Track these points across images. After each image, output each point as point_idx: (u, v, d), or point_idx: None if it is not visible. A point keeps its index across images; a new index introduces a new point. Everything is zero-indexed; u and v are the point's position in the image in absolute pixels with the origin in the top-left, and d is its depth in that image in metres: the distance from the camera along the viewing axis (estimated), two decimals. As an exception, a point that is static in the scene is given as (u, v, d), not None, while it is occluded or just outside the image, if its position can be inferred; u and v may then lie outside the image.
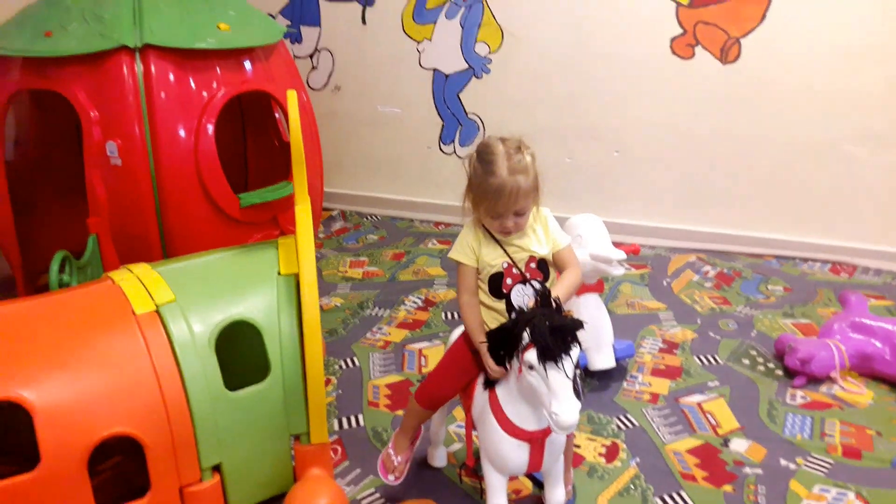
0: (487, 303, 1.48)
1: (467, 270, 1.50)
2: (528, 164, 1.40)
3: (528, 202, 1.41)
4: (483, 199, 1.42)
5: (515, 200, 1.39)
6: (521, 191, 1.38)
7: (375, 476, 1.74)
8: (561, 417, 1.21)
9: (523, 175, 1.39)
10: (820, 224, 3.08)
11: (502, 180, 1.38)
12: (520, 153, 1.41)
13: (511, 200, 1.38)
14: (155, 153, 2.10)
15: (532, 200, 1.42)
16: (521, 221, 1.43)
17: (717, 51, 3.02)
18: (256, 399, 1.54)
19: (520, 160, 1.40)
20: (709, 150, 3.14)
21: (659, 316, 2.60)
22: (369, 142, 3.69)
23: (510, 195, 1.38)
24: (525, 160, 1.40)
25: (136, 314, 1.48)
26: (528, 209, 1.42)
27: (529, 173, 1.40)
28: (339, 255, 3.21)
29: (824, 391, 2.12)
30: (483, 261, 1.47)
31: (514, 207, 1.39)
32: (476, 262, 1.48)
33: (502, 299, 1.46)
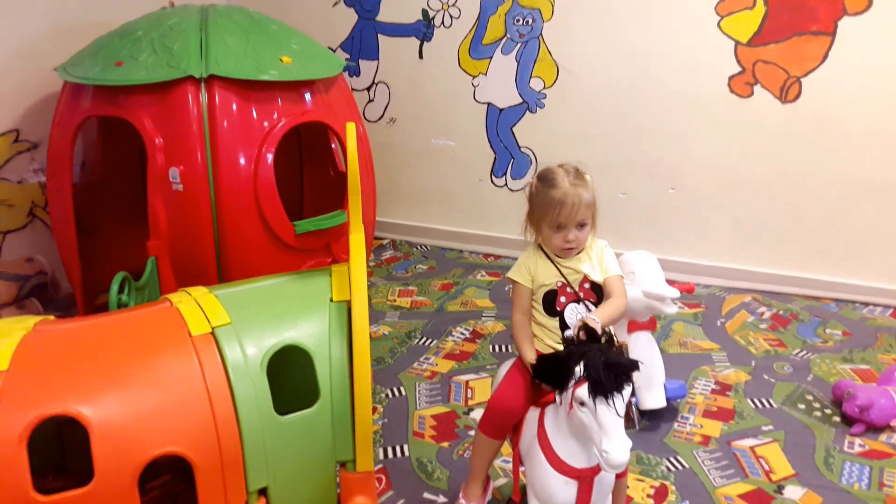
0: (541, 320, 1.55)
1: (522, 290, 1.57)
2: (588, 181, 1.50)
3: (589, 216, 1.50)
4: (546, 212, 1.50)
5: (578, 210, 1.48)
6: (583, 202, 1.48)
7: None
8: (611, 455, 1.19)
9: (584, 189, 1.49)
10: (882, 268, 2.98)
11: (565, 191, 1.48)
12: (579, 172, 1.52)
13: (574, 210, 1.47)
14: (216, 179, 2.18)
15: (592, 216, 1.51)
16: (582, 236, 1.51)
17: (776, 90, 2.98)
18: (305, 424, 1.55)
19: (580, 176, 1.50)
20: (766, 190, 3.08)
21: (712, 356, 2.54)
22: (422, 173, 3.74)
23: (573, 205, 1.47)
24: (585, 177, 1.51)
25: (192, 336, 1.52)
26: (588, 223, 1.50)
27: (589, 189, 1.49)
28: (388, 283, 3.25)
29: (884, 440, 2.04)
30: (538, 280, 1.54)
31: (576, 218, 1.48)
32: (531, 282, 1.56)
33: (555, 317, 1.52)
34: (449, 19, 3.45)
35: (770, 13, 2.91)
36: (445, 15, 3.45)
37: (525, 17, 3.31)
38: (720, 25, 2.99)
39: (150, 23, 2.35)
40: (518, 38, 3.35)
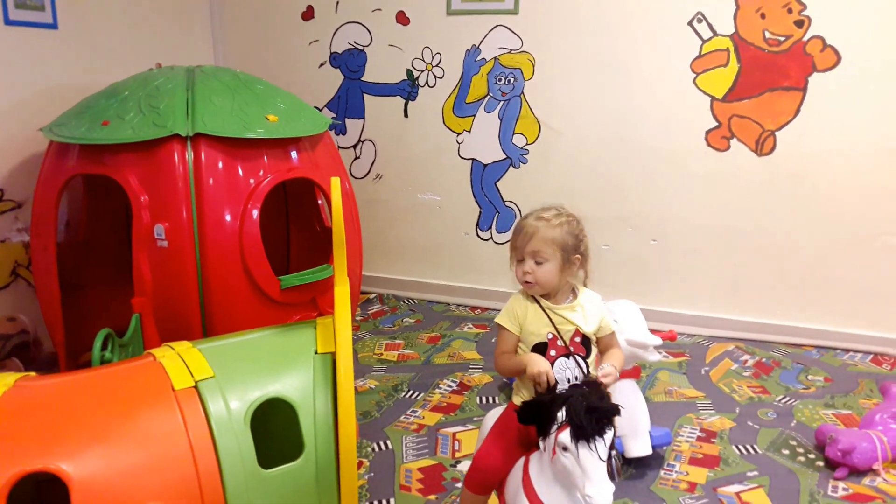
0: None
1: (508, 336, 1.54)
2: (558, 220, 1.49)
3: (548, 251, 1.47)
4: (511, 245, 1.52)
5: (531, 240, 1.47)
6: (539, 234, 1.47)
7: (404, 563, 1.72)
8: (594, 500, 1.20)
9: (546, 223, 1.48)
10: (861, 315, 3.02)
11: (524, 222, 1.50)
12: (552, 210, 1.51)
13: (527, 239, 1.47)
14: (201, 236, 2.19)
15: (556, 257, 1.47)
16: (541, 273, 1.47)
17: (752, 143, 3.08)
18: (289, 478, 1.54)
19: (549, 213, 1.50)
20: (746, 240, 3.15)
21: (697, 404, 2.55)
22: (408, 227, 3.79)
23: (527, 234, 1.47)
24: (553, 214, 1.50)
25: (176, 390, 1.52)
26: (547, 259, 1.47)
27: (554, 225, 1.47)
28: (375, 337, 3.25)
29: (867, 483, 2.04)
30: (527, 329, 1.50)
31: (530, 247, 1.47)
32: (519, 330, 1.52)
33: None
34: (433, 79, 3.55)
35: (743, 70, 3.03)
36: (429, 75, 3.56)
37: (507, 77, 3.42)
38: (696, 82, 3.11)
39: (136, 83, 2.41)
40: (500, 96, 3.45)
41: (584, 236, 1.52)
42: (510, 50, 3.38)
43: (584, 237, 1.52)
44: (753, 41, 2.99)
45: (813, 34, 2.90)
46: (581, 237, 1.51)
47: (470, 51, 3.45)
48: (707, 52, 3.07)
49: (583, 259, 1.51)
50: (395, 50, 3.59)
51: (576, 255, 1.49)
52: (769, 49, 2.97)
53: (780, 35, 2.95)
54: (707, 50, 3.06)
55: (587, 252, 1.52)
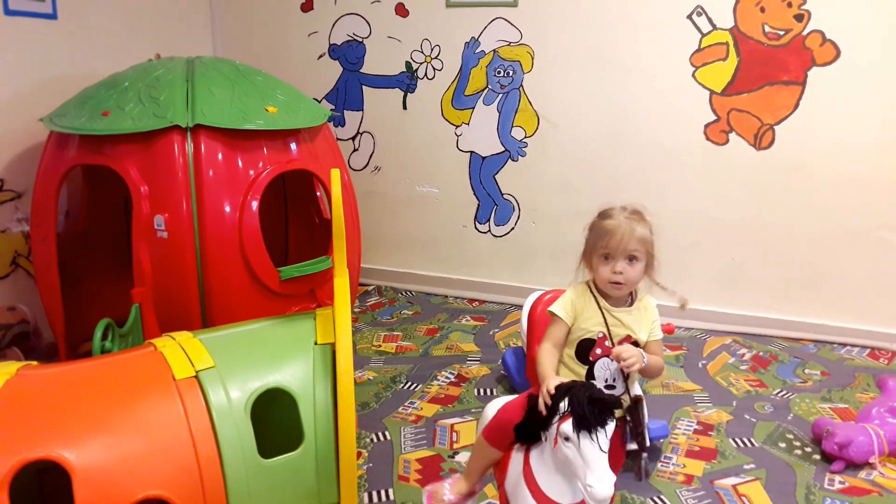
0: (570, 365, 1.50)
1: (560, 325, 1.51)
2: (647, 219, 1.48)
3: (642, 252, 1.45)
4: (597, 240, 1.47)
5: (629, 240, 1.43)
6: (637, 234, 1.44)
7: (403, 552, 1.74)
8: (595, 490, 1.20)
9: (640, 224, 1.46)
10: (858, 309, 3.04)
11: (618, 221, 1.46)
12: (637, 210, 1.50)
13: (624, 239, 1.43)
14: (200, 227, 2.20)
15: (646, 256, 1.46)
16: (632, 273, 1.45)
17: (750, 137, 3.08)
18: (289, 467, 1.55)
19: (637, 212, 1.48)
20: (745, 234, 3.16)
21: (694, 397, 2.57)
22: (407, 220, 3.79)
23: (623, 234, 1.43)
24: (643, 215, 1.48)
25: (176, 379, 1.53)
26: (640, 259, 1.45)
27: (647, 225, 1.46)
28: (373, 329, 3.26)
29: (863, 477, 2.06)
30: (579, 324, 1.48)
31: (626, 248, 1.43)
32: (572, 320, 1.49)
33: (586, 366, 1.48)
34: (432, 71, 3.55)
35: (742, 64, 3.03)
36: (428, 67, 3.56)
37: (506, 69, 3.42)
38: (695, 76, 3.11)
39: (136, 74, 2.41)
40: (499, 88, 3.45)
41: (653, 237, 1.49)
42: (509, 42, 3.38)
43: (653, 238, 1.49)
44: (753, 35, 3.00)
45: (813, 28, 2.90)
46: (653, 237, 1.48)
47: (469, 43, 3.45)
48: (706, 45, 3.07)
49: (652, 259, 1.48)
50: (394, 42, 3.59)
51: (654, 256, 1.48)
52: (769, 43, 2.98)
53: (779, 29, 2.95)
54: (706, 44, 3.07)
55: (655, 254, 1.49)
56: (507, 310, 3.50)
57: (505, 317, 3.41)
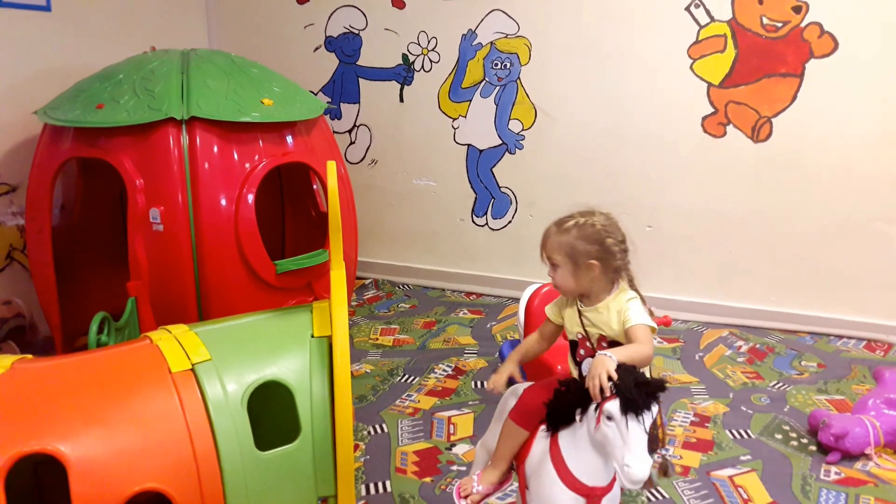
0: (570, 365, 1.57)
1: (547, 323, 1.62)
2: (569, 224, 1.48)
3: (557, 257, 1.47)
4: None
5: (543, 245, 1.50)
6: (550, 239, 1.49)
7: (400, 544, 1.74)
8: (633, 470, 1.21)
9: (556, 229, 1.49)
10: (854, 301, 3.04)
11: (546, 229, 1.52)
12: (575, 215, 1.50)
13: (541, 245, 1.51)
14: (196, 220, 2.19)
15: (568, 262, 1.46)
16: (556, 277, 1.49)
17: (748, 129, 3.08)
18: (286, 460, 1.55)
19: (568, 219, 1.50)
20: (742, 227, 3.16)
21: (691, 389, 2.57)
22: (404, 213, 3.79)
23: (543, 241, 1.51)
24: (571, 220, 1.48)
25: (172, 372, 1.52)
26: (559, 265, 1.47)
27: (562, 231, 1.47)
28: (370, 322, 3.25)
29: (859, 468, 2.07)
30: (566, 326, 1.56)
31: (545, 253, 1.50)
32: (559, 320, 1.58)
33: (577, 367, 1.54)
34: (429, 63, 3.54)
35: (740, 56, 3.03)
36: (425, 59, 3.54)
37: (503, 62, 3.41)
38: (693, 68, 3.10)
39: (131, 66, 2.39)
40: (496, 81, 3.44)
41: (604, 240, 1.44)
42: (506, 34, 3.37)
43: (605, 241, 1.44)
44: (751, 27, 2.99)
45: (811, 20, 2.89)
46: (600, 241, 1.44)
47: (466, 35, 3.44)
48: (704, 37, 3.06)
49: (604, 264, 1.44)
50: (390, 34, 3.57)
51: (589, 261, 1.43)
52: (766, 35, 2.97)
53: (777, 21, 2.94)
54: (704, 35, 3.06)
55: (610, 256, 1.44)
56: (504, 303, 3.50)
57: (502, 310, 3.41)
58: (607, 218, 1.49)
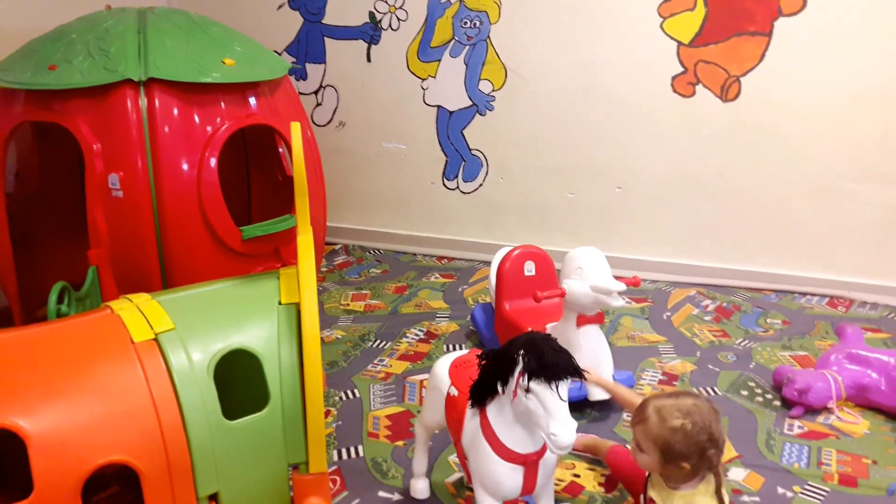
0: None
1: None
2: (680, 426, 1.36)
3: (647, 445, 1.41)
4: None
5: (636, 423, 1.44)
6: (647, 426, 1.40)
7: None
8: (559, 438, 1.23)
9: (658, 420, 1.39)
10: (818, 259, 3.09)
11: (647, 402, 1.44)
12: (683, 417, 1.37)
13: (636, 419, 1.45)
14: (157, 185, 2.13)
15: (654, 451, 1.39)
16: (639, 458, 1.44)
17: (717, 89, 3.07)
18: (255, 428, 1.54)
19: (675, 417, 1.38)
20: (709, 186, 3.17)
21: (659, 348, 2.60)
22: (373, 177, 3.73)
23: (637, 414, 1.45)
24: (678, 422, 1.37)
25: (135, 342, 1.49)
26: (646, 451, 1.41)
27: (665, 427, 1.37)
28: (341, 288, 3.23)
29: (821, 421, 2.12)
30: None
31: (634, 429, 1.45)
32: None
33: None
34: (396, 22, 3.46)
35: (710, 14, 3.00)
36: (392, 17, 3.46)
37: (472, 20, 3.34)
38: (663, 27, 3.07)
39: (84, 26, 2.29)
40: (466, 40, 3.38)
41: (706, 450, 1.34)
42: (475, -8, 3.30)
43: (707, 451, 1.35)
44: (721, -17, 2.96)
45: (780, -24, 2.88)
46: (701, 452, 1.34)
47: (434, -8, 3.36)
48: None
49: (693, 469, 1.36)
50: (356, -9, 3.48)
51: (682, 463, 1.36)
52: (736, -9, 2.94)
53: (747, -23, 2.92)
54: (674, -7, 3.03)
55: (704, 464, 1.36)
56: (475, 266, 3.49)
57: (473, 273, 3.40)
58: (716, 419, 1.38)
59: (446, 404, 1.58)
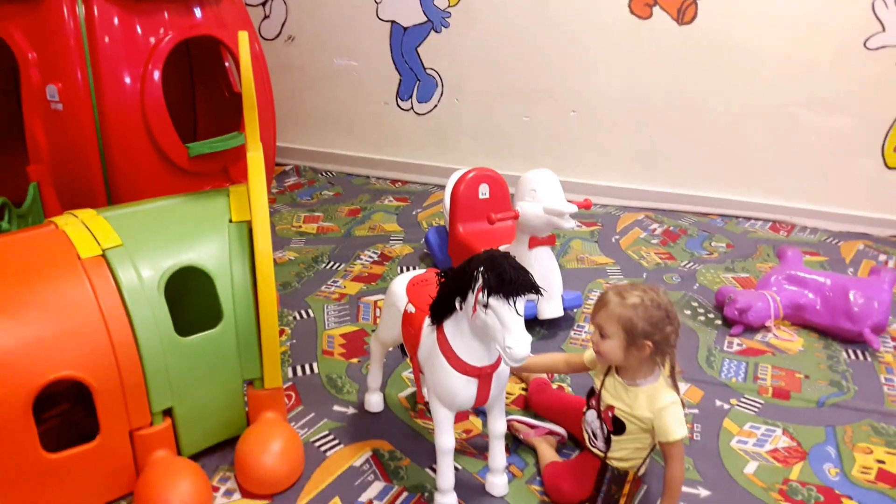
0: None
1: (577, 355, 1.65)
2: (634, 300, 1.38)
3: (611, 328, 1.40)
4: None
5: (598, 310, 1.43)
6: (608, 309, 1.40)
7: (330, 419, 1.79)
8: (514, 350, 1.27)
9: (621, 301, 1.39)
10: (763, 184, 3.18)
11: (604, 293, 1.44)
12: (639, 290, 1.41)
13: (596, 308, 1.44)
14: (98, 99, 2.04)
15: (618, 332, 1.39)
16: (602, 346, 1.42)
17: (673, 11, 3.05)
18: (209, 345, 1.54)
19: (633, 295, 1.39)
20: (663, 111, 3.19)
21: (606, 270, 2.67)
22: (324, 96, 3.64)
23: (599, 305, 1.43)
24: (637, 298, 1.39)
25: (82, 259, 1.46)
26: (607, 334, 1.41)
27: (634, 308, 1.38)
28: (292, 210, 3.19)
29: (759, 339, 2.22)
30: (593, 376, 1.56)
31: (597, 320, 1.43)
32: (589, 363, 1.60)
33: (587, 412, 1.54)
34: (347, -69, 3.31)
35: (667, -70, 2.95)
36: (343, -74, 3.30)
37: (426, -69, 3.21)
38: (621, -54, 3.02)
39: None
40: (420, -48, 3.26)
41: (664, 326, 1.38)
42: None
43: (666, 328, 1.38)
44: None
45: None
46: (662, 327, 1.38)
47: None
48: (634, -89, 2.96)
49: (656, 348, 1.39)
50: None
51: (645, 341, 1.38)
52: None
53: None
54: None
55: (665, 344, 1.39)
56: (429, 190, 3.48)
57: (427, 197, 3.40)
58: (668, 300, 1.41)
59: (403, 321, 1.61)
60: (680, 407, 1.41)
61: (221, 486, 1.57)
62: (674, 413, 1.40)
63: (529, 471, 1.65)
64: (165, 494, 1.40)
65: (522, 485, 1.61)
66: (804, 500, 1.58)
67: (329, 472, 1.63)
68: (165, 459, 1.48)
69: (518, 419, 1.75)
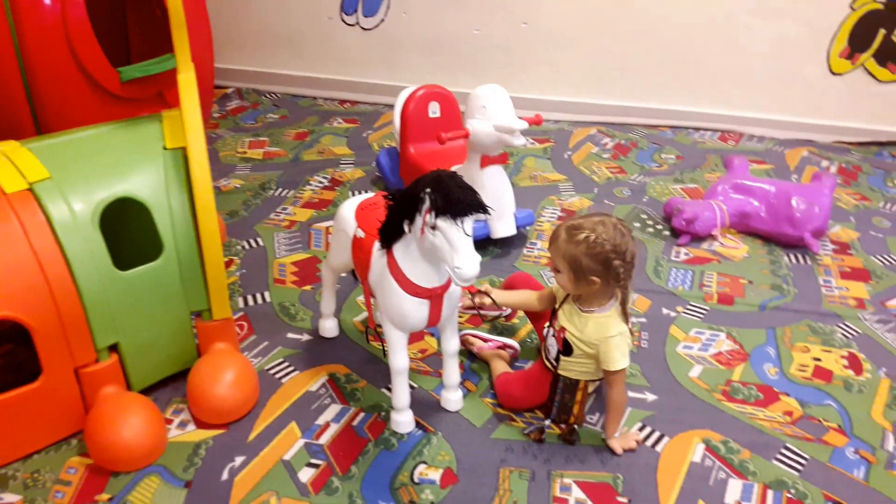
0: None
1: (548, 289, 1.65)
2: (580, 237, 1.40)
3: (562, 264, 1.43)
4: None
5: (550, 246, 1.47)
6: (557, 245, 1.44)
7: (284, 347, 1.78)
8: (463, 271, 1.26)
9: (569, 237, 1.42)
10: (712, 95, 3.17)
11: (557, 227, 1.46)
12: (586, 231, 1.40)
13: (550, 243, 1.47)
14: (16, 20, 1.91)
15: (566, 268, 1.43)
16: (557, 278, 1.48)
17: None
18: (150, 277, 1.50)
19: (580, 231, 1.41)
20: (613, 23, 3.12)
21: (559, 186, 2.67)
22: (264, 11, 3.47)
23: (551, 238, 1.47)
24: (583, 235, 1.40)
25: (7, 193, 1.39)
26: (562, 271, 1.44)
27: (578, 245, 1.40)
28: (236, 135, 3.09)
29: (706, 247, 2.27)
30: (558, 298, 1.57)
31: (550, 252, 1.48)
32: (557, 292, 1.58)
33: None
34: None
35: None
36: None
37: None
38: None
39: None
40: None
41: (611, 261, 1.38)
42: None
43: (612, 262, 1.38)
44: None
45: None
46: (606, 263, 1.38)
47: None
48: None
49: (605, 282, 1.41)
50: None
51: (592, 277, 1.40)
52: None
53: None
54: None
55: (612, 277, 1.40)
56: (379, 110, 3.40)
57: (378, 118, 3.31)
58: (621, 233, 1.40)
59: (353, 246, 1.59)
60: (626, 339, 1.46)
61: (175, 417, 1.57)
62: (617, 344, 1.44)
63: (483, 385, 1.69)
64: (116, 429, 1.39)
65: (476, 398, 1.64)
66: (745, 398, 1.65)
67: (285, 398, 1.64)
68: (114, 395, 1.47)
69: (472, 333, 1.78)
